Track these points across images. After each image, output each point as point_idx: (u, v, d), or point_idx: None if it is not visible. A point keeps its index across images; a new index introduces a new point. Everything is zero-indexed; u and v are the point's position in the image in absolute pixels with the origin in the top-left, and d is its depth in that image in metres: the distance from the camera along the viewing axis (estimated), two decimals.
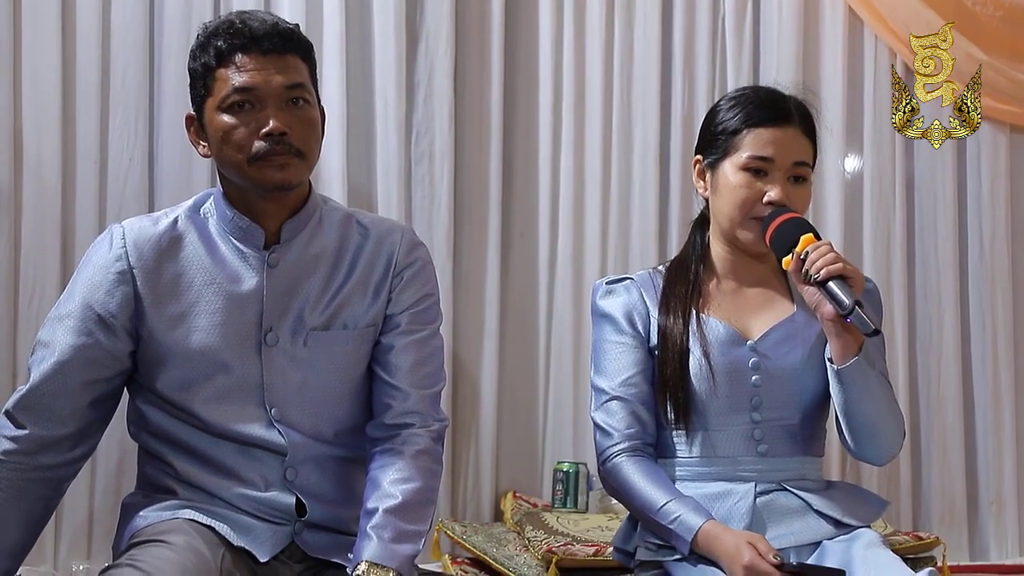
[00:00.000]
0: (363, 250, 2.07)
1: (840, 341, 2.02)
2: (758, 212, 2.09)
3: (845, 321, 1.96)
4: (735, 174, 2.11)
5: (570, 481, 3.41)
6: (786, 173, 2.10)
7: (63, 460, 1.98)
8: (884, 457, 2.14)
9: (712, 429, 2.11)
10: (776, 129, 2.10)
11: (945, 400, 3.84)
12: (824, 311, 2.00)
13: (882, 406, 2.08)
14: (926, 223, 3.88)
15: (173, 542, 1.85)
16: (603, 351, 2.18)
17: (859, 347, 2.02)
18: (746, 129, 2.11)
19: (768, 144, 2.09)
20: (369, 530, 1.91)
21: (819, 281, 1.97)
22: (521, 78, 3.69)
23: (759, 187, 2.09)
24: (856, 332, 1.99)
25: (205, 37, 1.96)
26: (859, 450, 2.12)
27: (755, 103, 2.13)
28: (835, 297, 1.95)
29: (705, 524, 1.99)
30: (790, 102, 2.15)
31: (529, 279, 3.68)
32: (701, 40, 3.77)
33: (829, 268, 1.96)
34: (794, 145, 2.11)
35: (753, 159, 2.09)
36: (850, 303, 1.92)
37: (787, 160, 2.10)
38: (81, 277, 2.00)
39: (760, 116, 2.11)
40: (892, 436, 2.12)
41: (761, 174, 2.10)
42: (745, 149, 2.10)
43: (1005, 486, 3.86)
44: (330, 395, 2.04)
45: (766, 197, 2.08)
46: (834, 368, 2.03)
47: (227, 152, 1.94)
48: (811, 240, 2.01)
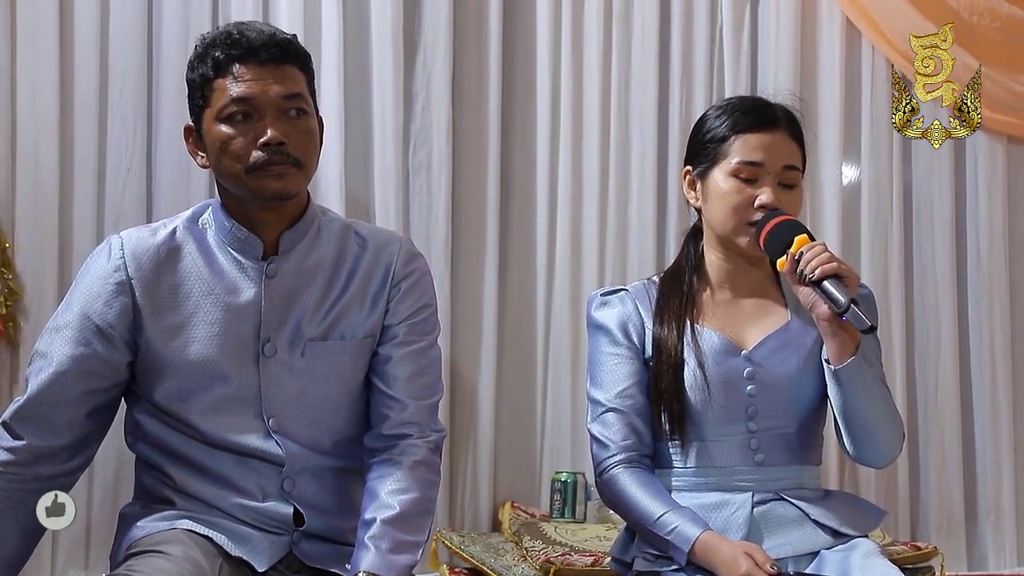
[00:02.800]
0: (361, 261, 2.07)
1: (837, 341, 2.01)
2: (751, 217, 2.09)
3: (841, 320, 1.96)
4: (725, 181, 2.11)
5: (568, 491, 3.41)
6: (776, 177, 2.10)
7: (61, 471, 1.97)
8: (884, 459, 2.13)
9: (708, 439, 2.11)
10: (764, 134, 2.10)
11: (943, 409, 3.84)
12: (820, 311, 2.00)
13: (880, 406, 2.07)
14: (923, 232, 3.89)
15: (171, 552, 1.85)
16: (599, 363, 2.18)
17: (856, 346, 2.02)
18: (734, 136, 2.11)
19: (757, 149, 2.10)
20: (367, 540, 1.90)
21: (814, 280, 1.97)
22: (519, 88, 3.70)
23: (750, 192, 2.09)
24: (853, 331, 1.99)
25: (203, 48, 1.96)
26: (858, 453, 2.11)
27: (741, 110, 2.14)
28: (830, 296, 1.95)
29: (702, 534, 1.98)
30: (776, 108, 2.15)
31: (527, 289, 3.69)
32: (699, 50, 3.77)
33: (824, 267, 1.96)
34: (783, 149, 2.11)
35: (742, 165, 2.10)
36: (845, 301, 1.92)
37: (776, 164, 2.10)
38: (79, 288, 2.00)
39: (747, 122, 2.11)
40: (891, 437, 2.11)
41: (751, 180, 2.09)
42: (734, 155, 2.10)
43: (1003, 496, 3.86)
44: (328, 406, 2.03)
45: (757, 201, 2.08)
46: (831, 368, 2.03)
47: (225, 162, 1.94)
48: (805, 241, 2.01)
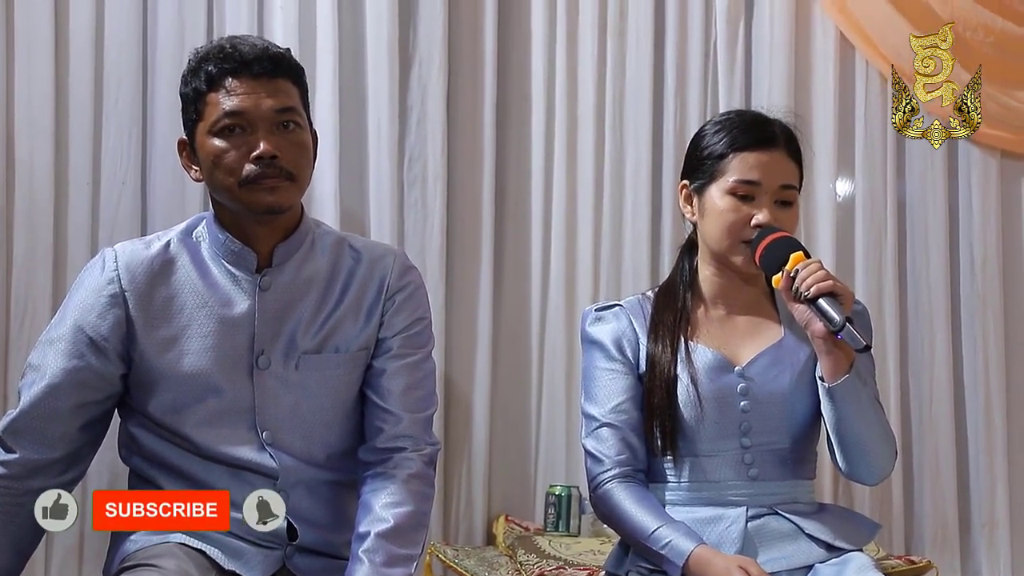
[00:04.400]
0: (355, 274, 2.07)
1: (831, 359, 2.02)
2: (746, 235, 2.09)
3: (836, 338, 1.97)
4: (722, 198, 2.11)
5: (562, 504, 3.40)
6: (773, 196, 2.10)
7: (54, 484, 1.96)
8: (876, 476, 2.14)
9: (702, 455, 2.11)
10: (762, 153, 2.11)
11: (937, 422, 3.84)
12: (814, 329, 2.00)
13: (873, 424, 2.08)
14: (917, 245, 3.89)
15: (164, 566, 1.84)
16: (593, 378, 2.18)
17: (850, 364, 2.02)
18: (732, 153, 2.11)
19: (754, 168, 2.10)
20: (361, 554, 1.91)
21: (809, 298, 1.97)
22: (514, 102, 3.70)
23: (746, 211, 2.09)
24: (847, 349, 2.00)
25: (196, 62, 1.97)
26: (850, 470, 2.11)
27: (740, 127, 2.14)
28: (825, 314, 1.95)
29: (696, 549, 1.98)
30: (775, 125, 2.15)
31: (522, 302, 3.68)
32: (693, 63, 3.77)
33: (819, 285, 1.96)
34: (780, 168, 2.11)
35: (739, 183, 2.10)
36: (840, 319, 1.92)
37: (773, 183, 2.10)
38: (73, 300, 2.00)
39: (745, 140, 2.11)
40: (884, 455, 2.11)
41: (748, 198, 2.10)
42: (731, 173, 2.11)
43: (997, 508, 3.85)
44: (322, 418, 2.03)
45: (754, 220, 2.08)
46: (825, 386, 2.03)
47: (218, 176, 1.95)
48: (801, 258, 2.02)
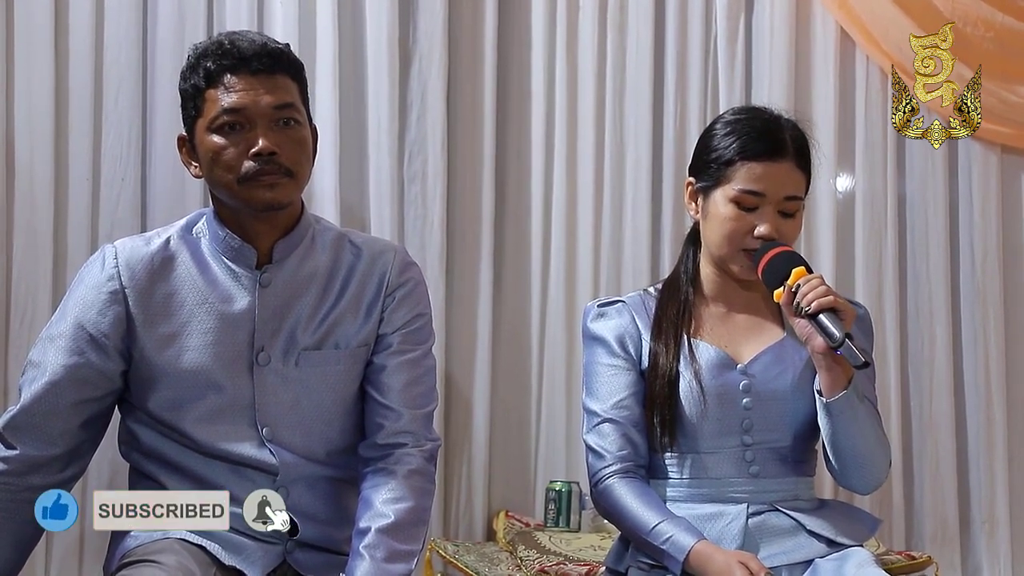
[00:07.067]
0: (355, 270, 2.07)
1: (830, 375, 2.02)
2: (747, 245, 2.09)
3: (835, 354, 1.97)
4: (725, 205, 2.10)
5: (563, 500, 3.40)
6: (776, 207, 2.09)
7: (54, 481, 1.97)
8: (869, 486, 2.16)
9: (703, 451, 2.11)
10: (770, 163, 2.08)
11: (937, 419, 3.83)
12: (815, 344, 2.00)
13: (869, 438, 2.09)
14: (918, 243, 3.88)
15: (164, 562, 1.85)
16: (595, 374, 2.18)
17: (848, 380, 2.02)
18: (740, 161, 2.09)
19: (760, 179, 2.08)
20: (361, 550, 1.91)
21: (810, 314, 1.97)
22: (514, 98, 3.70)
23: (749, 221, 2.08)
24: (846, 365, 2.00)
25: (195, 58, 1.97)
26: (844, 479, 2.13)
27: (751, 134, 2.10)
28: (825, 330, 1.95)
29: (697, 544, 1.98)
30: (786, 133, 2.12)
31: (522, 298, 3.68)
32: (693, 59, 3.77)
33: (820, 301, 1.96)
34: (787, 179, 2.10)
35: (744, 193, 2.08)
36: (840, 336, 1.93)
37: (778, 195, 2.09)
38: (73, 297, 2.00)
39: (755, 149, 2.09)
40: (878, 467, 2.13)
41: (751, 208, 2.09)
42: (737, 182, 2.09)
43: (998, 505, 3.85)
44: (322, 415, 2.03)
45: (756, 231, 2.08)
46: (823, 401, 2.04)
47: (217, 172, 1.95)
48: (802, 273, 2.02)
